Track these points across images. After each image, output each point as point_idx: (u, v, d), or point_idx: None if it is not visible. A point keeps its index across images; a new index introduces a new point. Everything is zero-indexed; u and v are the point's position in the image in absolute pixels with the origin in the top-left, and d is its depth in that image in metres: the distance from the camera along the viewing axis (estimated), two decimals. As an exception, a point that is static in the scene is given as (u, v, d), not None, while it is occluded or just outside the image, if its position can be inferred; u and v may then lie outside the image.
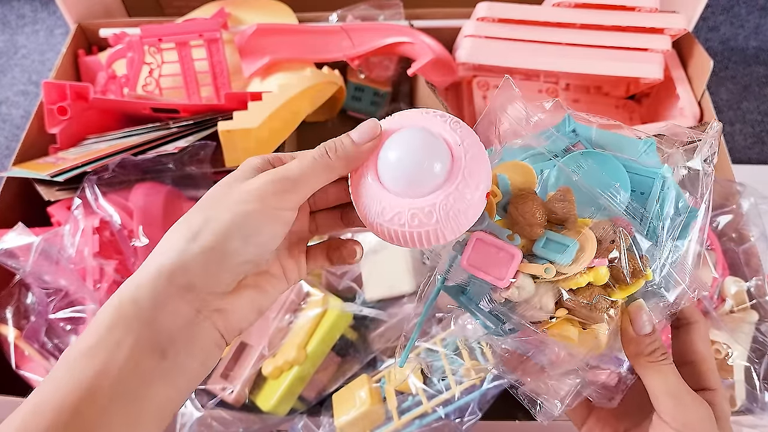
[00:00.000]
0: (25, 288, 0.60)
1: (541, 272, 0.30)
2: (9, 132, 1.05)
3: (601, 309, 0.31)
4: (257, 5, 0.83)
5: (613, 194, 0.31)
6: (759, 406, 0.53)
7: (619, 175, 0.33)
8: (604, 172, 0.32)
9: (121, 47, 0.75)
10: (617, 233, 0.30)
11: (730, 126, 1.01)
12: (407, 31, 0.77)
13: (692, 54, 0.78)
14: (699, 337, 0.34)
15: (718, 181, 0.66)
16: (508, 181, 0.32)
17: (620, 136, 0.36)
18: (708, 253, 0.61)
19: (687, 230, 0.34)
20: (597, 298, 0.30)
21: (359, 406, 0.53)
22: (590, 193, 0.31)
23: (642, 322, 0.32)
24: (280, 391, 0.56)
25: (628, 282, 0.31)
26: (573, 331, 0.31)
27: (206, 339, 0.28)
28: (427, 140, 0.29)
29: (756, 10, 1.17)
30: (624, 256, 0.30)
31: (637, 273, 0.31)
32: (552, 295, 0.31)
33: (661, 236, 0.32)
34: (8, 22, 1.21)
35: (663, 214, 0.33)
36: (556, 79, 0.82)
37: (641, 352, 0.32)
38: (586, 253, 0.30)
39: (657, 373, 0.32)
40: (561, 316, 0.31)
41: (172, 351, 0.26)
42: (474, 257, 0.31)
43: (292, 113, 0.69)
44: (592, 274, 0.30)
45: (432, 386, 0.54)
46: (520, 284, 0.30)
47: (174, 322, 0.27)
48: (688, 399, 0.31)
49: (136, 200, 0.58)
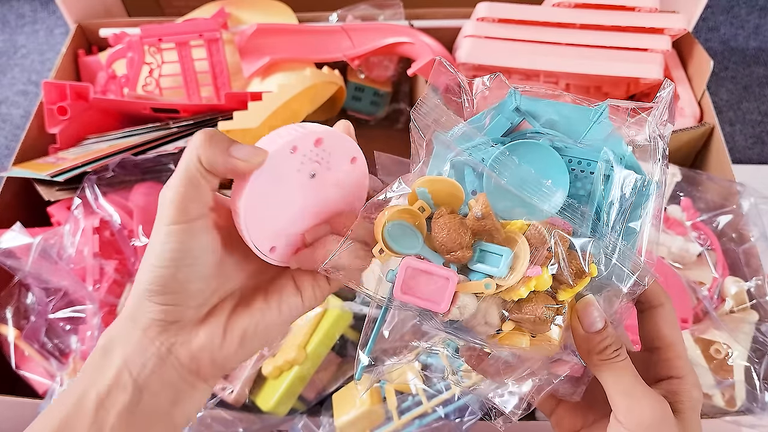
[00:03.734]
0: (25, 288, 0.60)
1: (481, 289, 0.28)
2: (9, 132, 1.05)
3: (546, 321, 0.29)
4: (257, 5, 0.84)
5: (546, 194, 0.29)
6: (759, 406, 0.53)
7: (555, 168, 0.30)
8: (538, 167, 0.30)
9: (121, 47, 0.75)
10: (553, 237, 0.28)
11: (730, 126, 1.01)
12: (407, 31, 0.77)
13: (692, 54, 0.78)
14: (664, 321, 0.33)
15: (718, 181, 0.66)
16: (428, 196, 0.30)
17: (570, 106, 0.33)
18: (708, 253, 0.61)
19: (638, 211, 0.31)
20: (540, 312, 0.29)
21: (359, 406, 0.53)
22: (521, 197, 0.29)
23: (591, 319, 0.30)
24: (280, 391, 0.56)
25: (572, 284, 0.29)
26: (524, 341, 0.30)
27: (174, 376, 0.29)
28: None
29: (756, 11, 1.18)
30: (563, 260, 0.29)
31: (581, 273, 0.29)
32: (497, 308, 0.30)
33: (605, 227, 0.30)
34: (8, 21, 1.21)
35: (607, 200, 0.30)
36: (555, 79, 0.82)
37: (592, 350, 0.30)
38: (520, 262, 0.28)
39: (610, 371, 0.30)
40: (508, 329, 0.30)
41: (140, 388, 0.28)
42: (407, 285, 0.29)
43: (292, 113, 0.69)
44: (533, 281, 0.28)
45: (432, 386, 0.54)
46: (462, 304, 0.29)
47: (142, 362, 0.28)
48: (643, 397, 0.29)
49: (136, 200, 0.58)
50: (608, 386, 0.30)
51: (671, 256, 0.60)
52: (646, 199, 0.31)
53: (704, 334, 0.55)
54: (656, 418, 0.29)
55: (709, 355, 0.54)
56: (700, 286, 0.58)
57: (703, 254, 0.60)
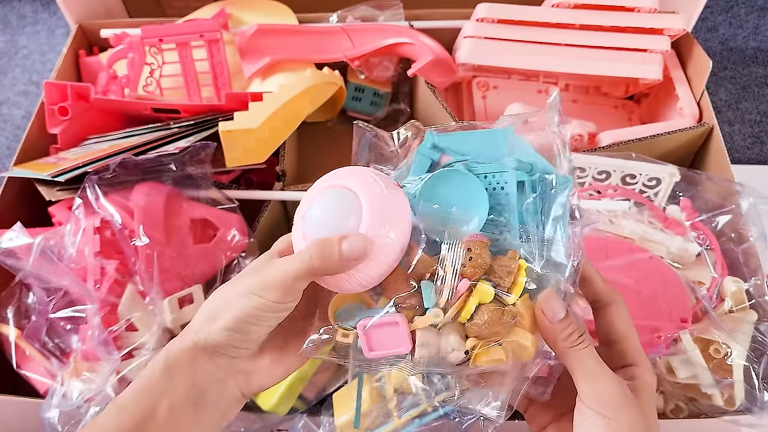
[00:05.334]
0: (26, 288, 0.61)
1: (432, 320, 0.31)
2: (10, 132, 1.05)
3: (501, 322, 0.31)
4: (258, 6, 0.84)
5: (460, 220, 0.33)
6: (758, 405, 0.53)
7: (473, 189, 0.34)
8: (460, 191, 0.34)
9: (122, 48, 0.75)
10: (472, 250, 0.31)
11: (729, 126, 1.02)
12: (407, 31, 0.77)
13: (691, 54, 0.78)
14: (618, 317, 0.35)
15: (717, 181, 0.66)
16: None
17: (479, 132, 0.37)
18: (707, 253, 0.61)
19: (556, 205, 0.34)
20: (488, 317, 0.31)
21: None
22: (443, 229, 0.32)
23: (553, 309, 0.32)
24: (280, 391, 0.56)
25: (507, 284, 0.32)
26: (498, 352, 0.32)
27: (229, 395, 0.35)
28: (341, 199, 0.32)
29: (755, 11, 1.18)
30: (483, 263, 0.31)
31: (512, 271, 0.32)
32: (456, 333, 0.32)
33: (531, 226, 0.33)
34: (9, 22, 1.21)
35: (524, 203, 0.34)
36: (555, 80, 0.82)
37: (558, 338, 0.33)
38: (446, 284, 0.31)
39: (575, 357, 0.33)
40: (475, 345, 0.32)
41: (203, 403, 0.34)
42: (370, 345, 0.33)
43: (293, 113, 0.69)
44: (477, 295, 0.31)
45: (432, 385, 0.54)
46: (423, 341, 0.32)
47: (206, 381, 0.34)
48: (606, 380, 0.32)
49: (137, 200, 0.58)
50: (574, 371, 0.33)
51: (670, 256, 0.60)
52: (561, 191, 0.34)
53: (703, 333, 0.55)
54: (618, 397, 0.32)
55: (708, 355, 0.54)
56: (699, 285, 0.58)
57: (702, 254, 0.60)
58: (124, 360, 0.53)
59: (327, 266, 0.31)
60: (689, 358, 0.54)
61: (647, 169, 0.65)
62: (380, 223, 0.31)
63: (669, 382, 0.55)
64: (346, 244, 0.30)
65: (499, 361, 0.32)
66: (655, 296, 0.56)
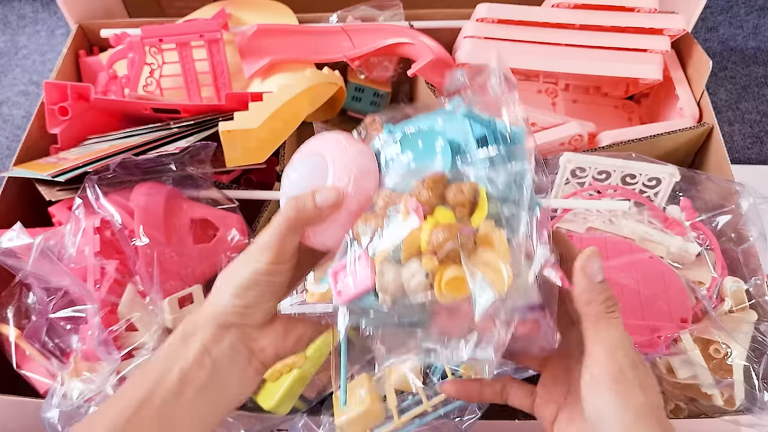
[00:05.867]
0: (26, 288, 0.60)
1: (388, 249, 0.32)
2: (10, 132, 1.05)
3: (458, 237, 0.30)
4: (258, 6, 0.84)
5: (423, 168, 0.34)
6: (758, 405, 0.53)
7: (436, 146, 0.36)
8: (426, 145, 0.36)
9: (122, 48, 0.75)
10: (426, 181, 0.32)
11: (729, 126, 1.02)
12: (407, 32, 0.77)
13: (691, 54, 0.78)
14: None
15: (717, 181, 0.66)
16: None
17: (432, 112, 0.39)
18: (707, 253, 0.61)
19: (512, 153, 0.35)
20: (442, 234, 0.30)
21: (359, 405, 0.54)
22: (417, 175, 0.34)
23: (594, 269, 0.32)
24: (281, 392, 0.56)
25: (464, 202, 0.32)
26: (459, 269, 0.30)
27: (242, 365, 0.36)
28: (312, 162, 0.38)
29: (755, 11, 1.18)
30: (438, 192, 0.32)
31: (466, 190, 0.32)
32: (416, 259, 0.32)
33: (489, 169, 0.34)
34: (9, 22, 1.21)
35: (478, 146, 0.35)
36: (555, 80, 0.82)
37: (594, 300, 0.32)
38: (401, 215, 0.32)
39: (605, 324, 0.32)
40: (435, 266, 0.31)
41: (215, 372, 0.35)
42: (340, 290, 0.34)
43: (293, 113, 0.69)
44: (432, 219, 0.32)
45: (432, 386, 0.54)
46: (381, 269, 0.32)
47: (218, 350, 0.35)
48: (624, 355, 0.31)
49: (137, 200, 0.58)
50: (597, 339, 0.32)
51: (670, 256, 0.60)
52: (519, 141, 0.36)
53: (703, 333, 0.55)
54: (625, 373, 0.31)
55: (708, 355, 0.54)
56: (699, 285, 0.58)
57: (702, 254, 0.61)
58: (124, 360, 0.53)
59: (303, 217, 0.34)
60: (689, 358, 0.54)
61: (647, 169, 0.65)
62: (345, 173, 0.35)
63: (669, 382, 0.55)
64: (319, 195, 0.34)
65: (462, 287, 0.30)
66: (655, 296, 0.56)
